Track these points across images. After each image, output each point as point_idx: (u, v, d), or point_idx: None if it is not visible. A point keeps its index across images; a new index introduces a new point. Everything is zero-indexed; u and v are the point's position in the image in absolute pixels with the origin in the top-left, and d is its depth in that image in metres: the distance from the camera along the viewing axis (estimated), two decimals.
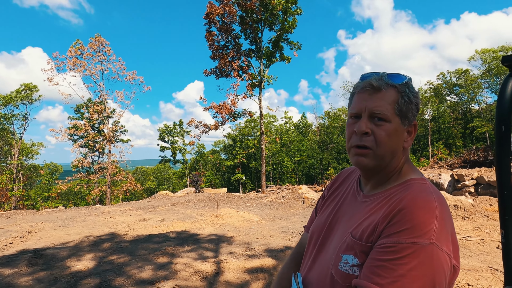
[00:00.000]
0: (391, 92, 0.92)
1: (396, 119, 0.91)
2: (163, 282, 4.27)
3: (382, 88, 0.91)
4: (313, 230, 1.11)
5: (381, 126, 0.90)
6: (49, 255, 5.59)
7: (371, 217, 0.90)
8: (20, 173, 33.08)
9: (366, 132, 0.91)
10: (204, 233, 7.04)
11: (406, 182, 0.92)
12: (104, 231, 7.56)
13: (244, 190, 44.94)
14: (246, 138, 47.71)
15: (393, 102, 0.91)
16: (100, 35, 25.87)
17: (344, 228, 0.96)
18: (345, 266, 0.88)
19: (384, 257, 0.79)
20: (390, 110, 0.91)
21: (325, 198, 1.18)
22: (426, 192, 0.86)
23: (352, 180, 1.12)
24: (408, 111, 0.93)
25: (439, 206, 0.83)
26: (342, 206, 1.06)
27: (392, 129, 0.90)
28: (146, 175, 56.96)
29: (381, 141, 0.90)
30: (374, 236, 0.85)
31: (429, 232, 0.77)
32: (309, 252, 1.07)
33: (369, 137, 0.91)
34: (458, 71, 39.71)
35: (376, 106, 0.91)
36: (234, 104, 22.81)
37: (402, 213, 0.81)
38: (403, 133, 0.94)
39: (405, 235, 0.78)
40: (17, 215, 11.05)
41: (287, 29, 22.11)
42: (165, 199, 14.93)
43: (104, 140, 28.12)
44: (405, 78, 0.94)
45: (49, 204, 33.86)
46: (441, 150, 36.60)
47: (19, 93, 31.48)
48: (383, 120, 0.90)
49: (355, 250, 0.87)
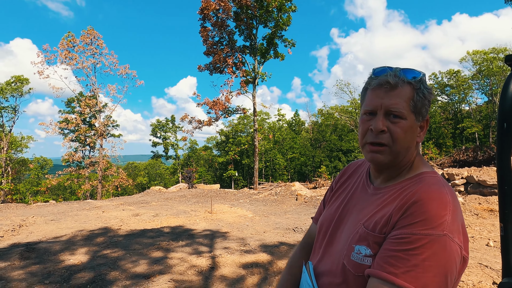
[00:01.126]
0: (407, 88, 0.93)
1: (411, 115, 0.93)
2: (158, 276, 4.27)
3: (398, 85, 0.92)
4: (322, 221, 1.13)
5: (397, 124, 0.92)
6: (42, 249, 5.54)
7: (384, 209, 0.92)
8: (8, 167, 32.56)
9: (383, 130, 0.92)
10: (198, 229, 7.05)
11: (418, 175, 0.95)
12: (97, 225, 7.51)
13: (237, 186, 44.98)
14: (239, 134, 47.69)
15: (408, 99, 0.93)
16: (92, 27, 25.57)
17: (356, 220, 0.99)
18: (358, 256, 0.91)
19: (398, 247, 0.82)
20: (406, 107, 0.92)
21: (334, 191, 1.21)
22: (439, 185, 0.89)
23: (361, 173, 1.14)
24: (423, 107, 0.95)
25: (451, 199, 0.86)
26: (352, 198, 1.08)
27: (408, 126, 0.93)
28: (137, 171, 56.59)
29: (397, 138, 0.92)
30: (388, 227, 0.87)
31: (443, 224, 0.81)
32: (319, 243, 1.09)
33: (385, 135, 0.93)
34: (449, 72, 40.25)
35: (392, 104, 0.92)
36: (228, 100, 22.78)
37: (416, 205, 0.84)
38: (417, 128, 0.96)
39: (419, 226, 0.81)
40: (6, 209, 10.90)
41: (281, 26, 22.11)
42: (158, 195, 14.87)
43: (95, 134, 27.83)
44: (419, 74, 0.95)
45: (38, 198, 33.41)
46: (432, 149, 37.13)
47: (9, 85, 30.93)
48: (399, 117, 0.92)
49: (368, 241, 0.90)
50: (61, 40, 24.39)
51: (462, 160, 22.96)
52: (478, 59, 36.54)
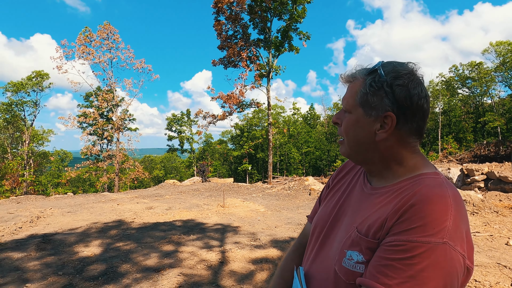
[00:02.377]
0: (357, 83, 0.92)
1: (358, 109, 0.89)
2: (168, 270, 4.30)
3: (351, 80, 0.94)
4: (316, 221, 1.06)
5: (345, 118, 0.94)
6: (57, 240, 5.68)
7: (379, 211, 0.85)
8: (30, 159, 33.61)
9: (337, 123, 0.97)
10: (210, 223, 7.07)
11: (418, 176, 0.87)
12: (111, 218, 7.64)
13: (251, 180, 45.09)
14: (254, 128, 47.65)
15: (355, 93, 0.91)
16: (109, 22, 25.87)
17: (350, 222, 0.92)
18: (349, 262, 0.84)
19: (392, 256, 0.74)
20: (352, 101, 0.91)
21: (330, 188, 1.13)
22: (440, 187, 0.80)
23: (359, 170, 1.07)
24: (369, 101, 0.87)
25: (453, 202, 0.77)
26: (349, 198, 1.01)
27: (353, 120, 0.91)
28: (154, 164, 57.49)
29: (344, 131, 0.93)
30: (382, 232, 0.80)
31: (442, 230, 0.72)
32: (312, 245, 1.02)
33: (340, 128, 0.95)
34: (471, 64, 38.86)
35: (343, 99, 0.95)
36: (242, 94, 22.72)
37: (414, 209, 0.76)
38: (371, 124, 0.87)
39: (416, 233, 0.73)
40: (27, 201, 11.25)
41: (296, 18, 21.79)
42: (172, 188, 15.04)
43: (112, 128, 28.35)
44: (375, 67, 0.89)
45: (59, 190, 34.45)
46: (451, 144, 36.12)
47: (30, 80, 31.80)
48: (347, 112, 0.93)
49: (361, 246, 0.83)
50: (78, 35, 24.83)
51: (483, 155, 22.26)
52: (501, 50, 35.08)
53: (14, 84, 31.27)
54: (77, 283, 3.93)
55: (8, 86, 31.38)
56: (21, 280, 3.99)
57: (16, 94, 31.71)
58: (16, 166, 30.58)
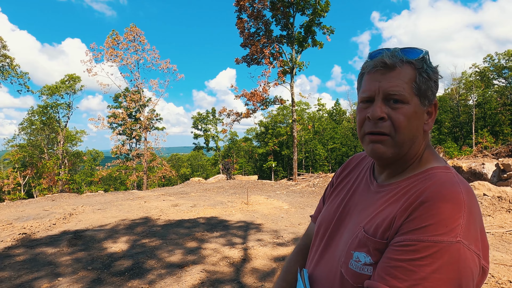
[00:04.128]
0: (407, 69, 0.81)
1: (415, 99, 0.81)
2: (191, 266, 4.37)
3: (396, 65, 0.80)
4: (320, 221, 1.02)
5: (399, 109, 0.80)
6: (88, 236, 5.92)
7: (387, 209, 0.80)
8: (65, 159, 35.29)
9: (382, 117, 0.80)
10: (233, 220, 7.12)
11: (427, 171, 0.82)
12: (138, 215, 7.87)
13: (276, 177, 45.03)
14: (278, 125, 47.51)
15: (410, 80, 0.80)
16: (135, 25, 26.58)
17: (356, 221, 0.87)
18: (357, 264, 0.79)
19: (402, 256, 0.70)
20: (408, 89, 0.80)
21: (334, 186, 1.08)
22: (451, 183, 0.75)
23: (364, 167, 1.01)
24: (428, 90, 0.82)
25: (467, 198, 0.72)
26: (354, 196, 0.96)
27: (412, 111, 0.80)
28: (181, 162, 58.67)
29: (400, 126, 0.80)
30: (391, 232, 0.76)
31: (456, 229, 0.68)
32: (316, 246, 0.98)
33: (386, 123, 0.80)
34: (508, 53, 36.72)
35: (391, 87, 0.80)
36: (265, 91, 22.67)
37: (424, 207, 0.71)
38: (423, 114, 0.83)
39: (428, 232, 0.69)
40: (61, 198, 11.81)
41: (319, 13, 21.43)
42: (197, 185, 15.29)
43: (140, 127, 29.18)
44: (421, 52, 0.82)
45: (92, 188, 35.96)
46: (486, 138, 34.33)
47: (63, 83, 33.33)
48: (401, 102, 0.80)
49: (368, 247, 0.78)
50: (106, 39, 25.70)
51: None
52: None
53: (49, 88, 32.91)
54: (104, 277, 4.07)
55: (43, 89, 33.09)
56: (54, 274, 4.19)
57: (51, 97, 33.40)
58: (52, 165, 32.23)
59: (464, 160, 16.96)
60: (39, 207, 9.55)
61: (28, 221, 7.51)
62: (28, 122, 35.14)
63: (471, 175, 11.37)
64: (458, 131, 42.93)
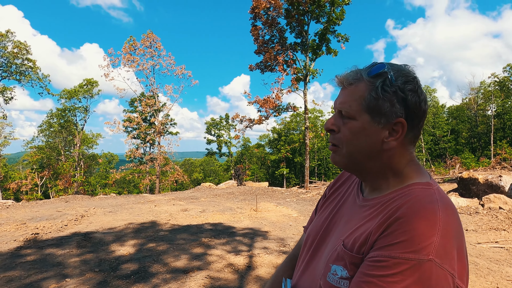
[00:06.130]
0: (361, 86, 0.83)
1: (364, 116, 0.82)
2: (196, 272, 4.38)
3: (344, 83, 0.86)
4: (309, 232, 1.02)
5: (346, 124, 0.85)
6: (97, 238, 6.01)
7: (365, 224, 0.81)
8: (81, 161, 36.04)
9: (332, 130, 0.88)
10: (241, 226, 7.12)
11: (408, 187, 0.81)
12: (148, 218, 7.96)
13: (288, 185, 44.82)
14: (291, 132, 47.40)
15: (360, 97, 0.82)
16: (151, 31, 27.12)
17: (339, 234, 0.88)
18: (333, 277, 0.80)
19: (374, 272, 0.70)
20: (355, 106, 0.83)
21: (326, 198, 1.09)
22: (429, 200, 0.75)
23: (355, 180, 1.02)
24: (381, 107, 0.80)
25: (443, 216, 0.71)
26: (341, 209, 0.97)
27: (358, 127, 0.82)
28: (193, 167, 59.10)
29: (344, 139, 0.85)
30: (366, 247, 0.76)
31: (428, 246, 0.67)
32: (303, 257, 0.99)
33: (338, 135, 0.87)
34: None
35: (340, 103, 0.86)
36: (278, 98, 22.70)
37: (398, 223, 0.71)
38: (378, 132, 0.81)
39: (400, 248, 0.68)
40: (74, 200, 12.05)
41: (334, 21, 21.41)
42: (208, 191, 15.36)
43: (154, 132, 29.60)
44: (381, 68, 0.82)
45: (106, 190, 36.60)
46: (506, 149, 33.33)
47: (81, 87, 34.21)
48: (347, 118, 0.85)
49: (345, 260, 0.79)
50: (124, 44, 26.30)
51: None
52: None
53: (68, 92, 33.83)
54: (110, 280, 4.12)
55: (62, 93, 34.01)
56: (61, 275, 4.27)
57: (69, 100, 34.29)
58: (68, 167, 32.97)
59: (481, 172, 16.51)
60: (52, 208, 9.77)
61: (41, 221, 7.69)
62: (47, 124, 36.16)
63: (487, 187, 11.05)
64: (476, 141, 41.88)
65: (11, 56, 26.33)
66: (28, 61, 27.51)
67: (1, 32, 25.95)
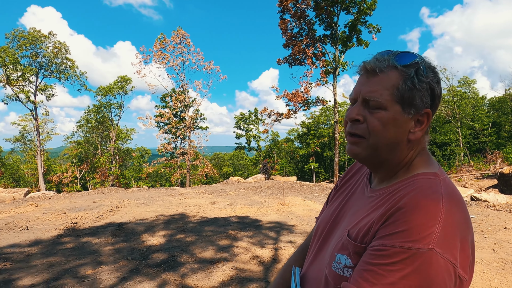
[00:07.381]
0: (392, 75, 0.80)
1: (396, 106, 0.79)
2: (222, 263, 4.49)
3: (378, 70, 0.80)
4: (319, 223, 1.05)
5: (375, 114, 0.80)
6: (130, 228, 6.29)
7: (370, 214, 0.82)
8: (116, 155, 37.60)
9: (357, 119, 0.82)
10: (267, 220, 7.17)
11: (413, 177, 0.81)
12: (177, 211, 8.20)
13: (318, 179, 44.35)
14: (321, 126, 46.76)
15: (392, 86, 0.79)
16: (181, 28, 27.66)
17: (346, 225, 0.90)
18: (338, 266, 0.82)
19: (374, 260, 0.72)
20: (387, 96, 0.79)
21: (337, 189, 1.11)
22: (433, 190, 0.74)
23: (365, 171, 1.02)
24: (413, 98, 0.79)
25: (446, 206, 0.71)
26: (350, 200, 0.98)
27: (389, 118, 0.79)
28: (223, 161, 59.91)
29: (373, 130, 0.80)
30: (369, 236, 0.77)
31: (429, 236, 0.67)
32: (313, 246, 1.02)
33: (362, 125, 0.82)
34: None
35: (369, 92, 0.81)
36: (307, 92, 22.45)
37: (400, 213, 0.72)
38: (407, 122, 0.81)
39: (400, 238, 0.69)
40: (109, 192, 12.65)
41: (365, 11, 20.78)
42: (236, 185, 15.56)
43: (185, 127, 30.29)
44: (414, 58, 0.80)
45: (140, 183, 38.03)
46: None
47: (116, 84, 35.59)
48: (377, 108, 0.80)
49: (349, 250, 0.81)
50: (155, 42, 27.04)
51: None
52: None
53: (103, 89, 35.32)
54: (142, 268, 4.32)
55: (98, 90, 35.58)
56: (97, 262, 4.52)
57: (104, 97, 35.81)
58: (105, 161, 34.58)
59: None
60: (90, 199, 10.32)
61: (79, 211, 8.16)
62: (84, 120, 38.01)
63: None
64: None
65: (52, 56, 27.87)
66: (67, 60, 29.00)
67: (44, 33, 27.52)
